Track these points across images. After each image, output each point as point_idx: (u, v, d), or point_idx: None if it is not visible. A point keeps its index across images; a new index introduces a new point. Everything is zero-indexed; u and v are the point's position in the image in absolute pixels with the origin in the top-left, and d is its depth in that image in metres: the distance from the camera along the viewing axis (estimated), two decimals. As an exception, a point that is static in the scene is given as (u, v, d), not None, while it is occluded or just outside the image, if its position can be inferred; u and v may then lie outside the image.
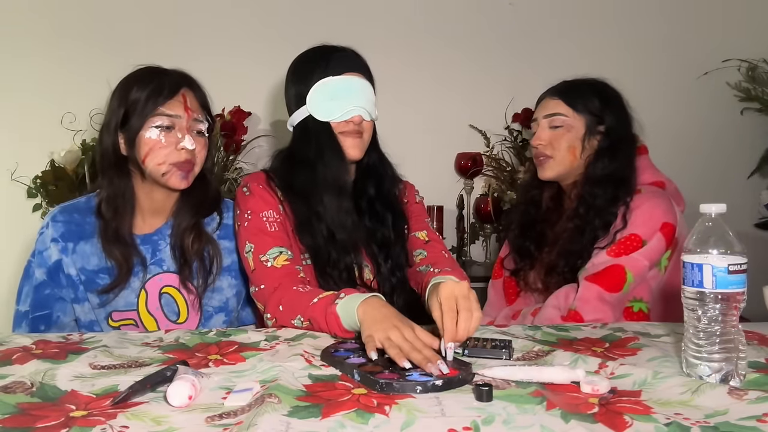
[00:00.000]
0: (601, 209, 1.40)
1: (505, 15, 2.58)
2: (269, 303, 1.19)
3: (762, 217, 2.55)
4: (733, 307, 0.81)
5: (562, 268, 1.43)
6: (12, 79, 2.42)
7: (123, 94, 1.25)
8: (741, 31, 2.59)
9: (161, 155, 1.25)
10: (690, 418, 0.70)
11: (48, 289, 1.30)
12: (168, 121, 1.25)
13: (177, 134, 1.26)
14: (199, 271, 1.32)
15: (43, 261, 1.31)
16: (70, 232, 1.30)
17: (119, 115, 1.24)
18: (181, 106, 1.26)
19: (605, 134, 1.44)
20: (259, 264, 1.23)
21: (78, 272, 1.29)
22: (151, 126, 1.24)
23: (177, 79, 1.28)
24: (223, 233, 1.38)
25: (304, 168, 1.32)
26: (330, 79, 1.30)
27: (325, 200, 1.29)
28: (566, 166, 1.46)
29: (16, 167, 2.33)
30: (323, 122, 1.31)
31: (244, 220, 1.30)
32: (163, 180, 1.27)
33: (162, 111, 1.24)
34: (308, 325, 1.12)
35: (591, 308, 1.32)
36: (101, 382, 0.84)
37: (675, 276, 1.40)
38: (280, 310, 1.17)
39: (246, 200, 1.32)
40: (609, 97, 1.47)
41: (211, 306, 1.35)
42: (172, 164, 1.26)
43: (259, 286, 1.23)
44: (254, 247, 1.26)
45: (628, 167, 1.44)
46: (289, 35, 2.51)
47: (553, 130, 1.46)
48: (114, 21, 2.44)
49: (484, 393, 0.76)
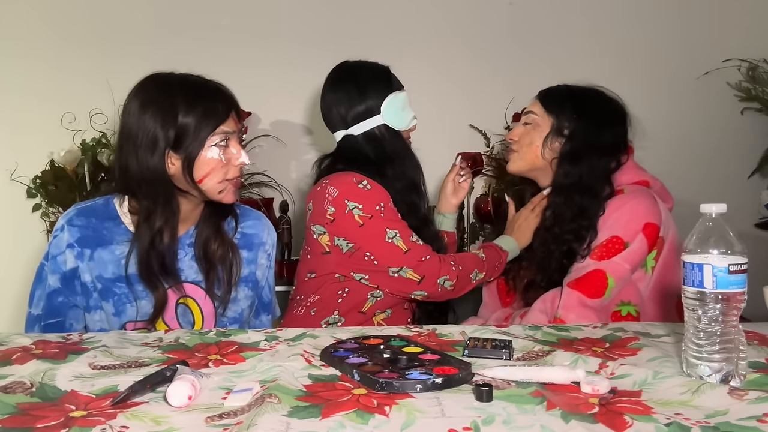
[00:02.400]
0: (569, 221, 1.40)
1: (505, 15, 2.58)
2: (442, 268, 1.42)
3: (762, 217, 2.55)
4: (734, 307, 0.81)
5: (539, 282, 1.43)
6: (12, 79, 2.42)
7: (168, 115, 1.18)
8: (741, 31, 2.59)
9: (221, 174, 1.22)
10: (690, 418, 0.70)
11: (62, 296, 1.24)
12: (224, 139, 1.22)
13: (231, 150, 1.23)
14: (222, 279, 1.30)
15: (57, 267, 1.24)
16: (87, 238, 1.23)
17: (169, 139, 1.18)
18: (234, 121, 1.24)
19: (569, 138, 1.44)
20: (413, 244, 1.43)
21: (94, 280, 1.24)
22: (211, 145, 1.21)
23: (228, 96, 1.25)
24: (243, 242, 1.36)
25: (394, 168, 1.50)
26: (398, 93, 1.53)
27: (413, 195, 1.53)
28: (527, 162, 1.49)
29: (16, 167, 2.33)
30: (396, 130, 1.52)
31: (378, 212, 1.42)
32: (218, 197, 1.24)
33: (221, 129, 1.21)
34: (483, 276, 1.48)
35: (575, 316, 1.31)
36: (101, 382, 0.84)
37: (664, 276, 1.39)
38: (459, 270, 1.43)
39: (369, 194, 1.43)
40: (585, 105, 1.45)
41: (227, 317, 1.33)
42: (228, 181, 1.24)
43: (421, 259, 1.41)
44: (399, 231, 1.42)
45: (594, 176, 1.41)
46: (289, 35, 2.52)
47: (524, 126, 1.51)
48: (114, 21, 2.44)
49: (484, 393, 0.76)
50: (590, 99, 1.48)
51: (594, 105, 1.47)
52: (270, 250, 1.41)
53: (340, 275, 1.48)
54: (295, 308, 1.53)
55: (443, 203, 1.69)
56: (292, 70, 2.50)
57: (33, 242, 2.35)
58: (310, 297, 1.50)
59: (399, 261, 1.41)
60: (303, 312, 1.50)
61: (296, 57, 2.49)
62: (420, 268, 1.41)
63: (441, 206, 1.69)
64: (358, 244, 1.42)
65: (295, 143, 2.53)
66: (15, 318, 2.37)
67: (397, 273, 1.42)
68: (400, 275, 1.42)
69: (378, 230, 1.41)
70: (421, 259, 1.41)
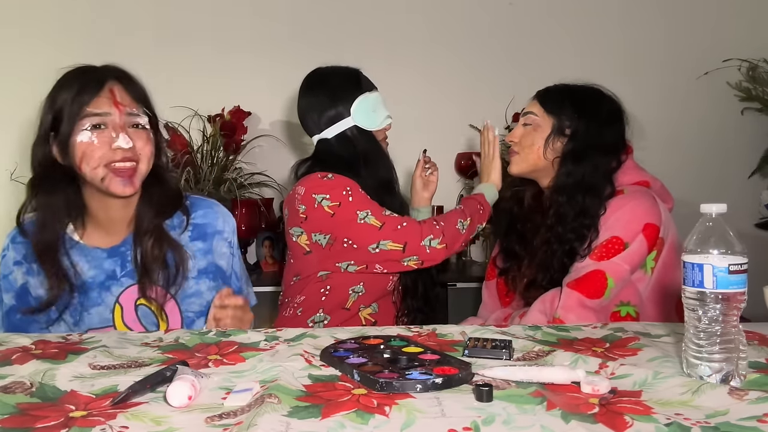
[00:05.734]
0: (571, 220, 1.40)
1: (505, 15, 2.58)
2: (423, 229, 1.42)
3: (762, 217, 2.55)
4: (734, 307, 0.81)
5: (540, 281, 1.43)
6: (12, 79, 2.42)
7: (50, 98, 1.16)
8: (741, 31, 2.59)
9: (95, 158, 1.14)
10: (690, 418, 0.70)
11: (19, 313, 1.23)
12: (98, 120, 1.15)
13: (111, 133, 1.15)
14: (167, 281, 1.24)
15: (9, 285, 1.24)
16: (32, 253, 1.22)
17: (48, 121, 1.15)
18: (110, 101, 1.15)
19: (570, 138, 1.44)
20: (386, 217, 1.43)
21: (46, 293, 1.21)
22: (81, 129, 1.14)
23: (101, 75, 1.17)
24: (195, 234, 1.30)
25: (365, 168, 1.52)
26: (368, 94, 1.54)
27: (385, 195, 1.53)
28: (529, 163, 1.48)
29: (15, 167, 2.33)
30: (368, 131, 1.54)
31: (345, 197, 1.43)
32: (103, 187, 1.17)
33: (89, 111, 1.14)
34: (469, 222, 1.49)
35: (574, 316, 1.31)
36: (101, 382, 0.84)
37: (663, 276, 1.39)
38: (441, 225, 1.44)
39: (334, 183, 1.45)
40: (584, 103, 1.46)
41: (192, 311, 1.28)
42: (107, 168, 1.15)
43: (397, 227, 1.42)
44: (371, 210, 1.43)
45: (596, 175, 1.41)
46: (289, 35, 2.52)
47: (524, 127, 1.50)
48: (114, 21, 2.44)
49: (484, 393, 0.75)
50: (589, 97, 1.48)
51: (594, 103, 1.47)
52: (230, 237, 1.34)
53: (324, 272, 1.49)
54: (284, 311, 1.57)
55: (415, 198, 1.72)
56: (292, 70, 2.46)
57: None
58: (297, 298, 1.53)
59: (375, 237, 1.42)
60: (291, 313, 1.53)
61: (296, 57, 2.48)
62: (398, 237, 1.42)
63: (414, 202, 1.72)
64: (335, 233, 1.44)
65: (295, 143, 2.54)
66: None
67: (377, 248, 1.42)
68: (381, 249, 1.42)
69: (349, 214, 1.43)
70: (396, 228, 1.42)
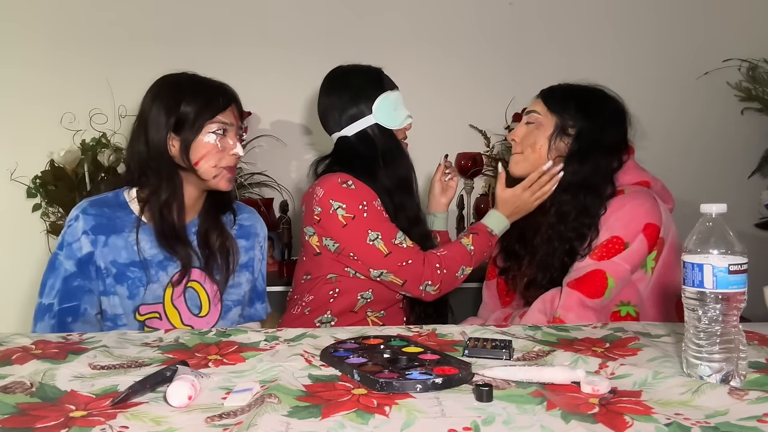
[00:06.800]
0: (572, 219, 1.39)
1: (505, 15, 2.57)
2: (425, 272, 1.42)
3: (762, 217, 2.55)
4: (734, 307, 0.81)
5: (540, 281, 1.43)
6: (12, 79, 2.42)
7: (172, 104, 1.32)
8: (741, 31, 2.59)
9: (215, 159, 1.33)
10: (690, 418, 0.70)
11: (77, 280, 1.31)
12: (223, 128, 1.34)
13: (229, 141, 1.35)
14: (221, 267, 1.40)
15: (72, 253, 1.31)
16: (101, 226, 1.32)
17: (171, 122, 1.32)
18: (233, 115, 1.36)
19: (575, 138, 1.44)
20: (395, 246, 1.43)
21: (108, 265, 1.31)
22: (209, 132, 1.32)
23: (230, 92, 1.38)
24: (240, 232, 1.47)
25: (384, 167, 1.51)
26: (390, 93, 1.53)
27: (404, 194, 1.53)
28: (532, 163, 1.47)
29: (15, 167, 2.33)
30: (389, 129, 1.53)
31: (361, 212, 1.42)
32: (213, 182, 1.35)
33: (219, 119, 1.33)
34: (470, 270, 1.48)
35: (574, 316, 1.31)
36: (101, 382, 0.84)
37: (663, 276, 1.39)
38: (443, 273, 1.43)
39: (353, 193, 1.44)
40: (588, 103, 1.45)
41: (230, 300, 1.43)
42: (223, 167, 1.34)
43: (402, 263, 1.42)
44: (381, 233, 1.43)
45: (598, 175, 1.41)
46: (289, 36, 2.52)
47: (527, 126, 1.49)
48: (114, 21, 2.44)
49: (484, 393, 0.76)
50: (593, 97, 1.47)
51: (597, 103, 1.46)
52: (263, 242, 1.52)
53: (333, 275, 1.49)
54: (292, 308, 1.57)
55: (433, 203, 1.70)
56: (293, 70, 2.50)
57: (33, 242, 2.35)
58: (305, 297, 1.53)
59: (379, 264, 1.43)
60: (299, 311, 1.54)
61: (296, 58, 2.49)
62: (401, 273, 1.43)
63: (431, 206, 1.71)
64: (343, 244, 1.45)
65: (295, 143, 2.53)
66: (16, 316, 2.37)
67: (379, 276, 1.45)
68: (382, 278, 1.45)
69: (360, 231, 1.43)
70: (401, 264, 1.42)
